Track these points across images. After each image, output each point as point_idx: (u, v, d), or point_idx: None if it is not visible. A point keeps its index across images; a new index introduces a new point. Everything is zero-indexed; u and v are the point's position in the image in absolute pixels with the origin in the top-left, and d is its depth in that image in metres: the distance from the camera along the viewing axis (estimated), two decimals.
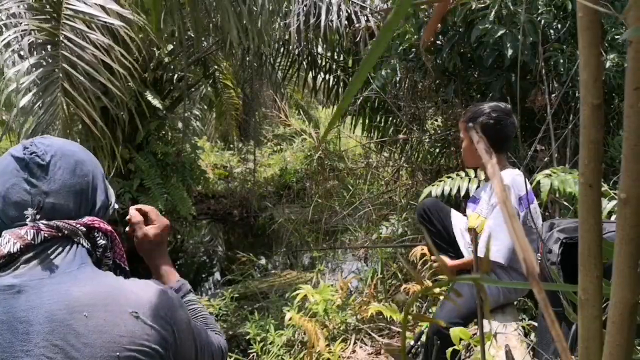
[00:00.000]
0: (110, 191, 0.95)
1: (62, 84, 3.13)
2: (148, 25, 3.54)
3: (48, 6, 3.33)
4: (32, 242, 0.75)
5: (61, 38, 3.15)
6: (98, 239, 0.83)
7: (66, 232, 0.79)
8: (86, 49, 3.19)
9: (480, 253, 1.81)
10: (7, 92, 3.36)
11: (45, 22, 3.31)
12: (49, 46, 3.37)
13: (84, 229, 0.81)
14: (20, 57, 3.62)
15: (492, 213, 1.84)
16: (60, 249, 0.78)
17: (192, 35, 4.78)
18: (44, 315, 0.71)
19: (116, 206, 0.98)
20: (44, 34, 3.28)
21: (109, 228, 0.85)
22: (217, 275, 5.06)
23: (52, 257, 0.77)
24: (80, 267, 0.78)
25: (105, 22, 3.25)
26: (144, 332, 0.74)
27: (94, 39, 3.22)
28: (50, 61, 3.29)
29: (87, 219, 0.83)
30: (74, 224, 0.80)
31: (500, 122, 1.85)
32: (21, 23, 3.32)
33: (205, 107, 7.87)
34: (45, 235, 0.76)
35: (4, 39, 3.23)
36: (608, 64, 2.52)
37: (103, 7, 3.24)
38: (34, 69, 3.31)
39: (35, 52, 3.42)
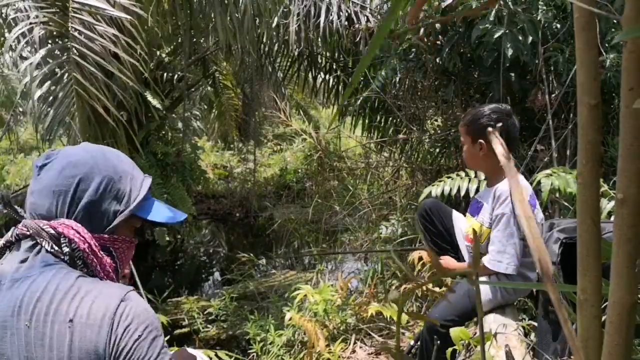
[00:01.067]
0: (137, 196, 0.89)
1: (74, 75, 3.15)
2: (146, 22, 3.55)
3: None
4: (11, 238, 0.79)
5: (70, 30, 3.17)
6: (63, 245, 0.79)
7: (31, 231, 0.78)
8: (95, 40, 3.22)
9: (486, 263, 1.82)
10: (20, 86, 3.38)
11: (53, 14, 3.32)
12: (58, 39, 3.39)
13: (52, 231, 0.78)
14: (21, 57, 3.63)
15: (498, 225, 1.82)
16: (30, 248, 0.79)
17: (192, 36, 4.79)
18: None
19: (159, 217, 0.93)
20: (54, 26, 3.30)
21: (80, 237, 0.80)
22: (217, 275, 5.05)
23: (17, 256, 0.78)
24: (43, 272, 0.76)
25: (111, 14, 3.27)
26: (80, 343, 0.71)
27: (102, 30, 3.25)
28: (60, 53, 3.32)
29: (59, 222, 0.79)
30: (42, 225, 0.78)
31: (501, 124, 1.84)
32: (30, 16, 3.33)
33: (205, 107, 7.88)
34: (17, 232, 0.78)
35: (15, 33, 3.25)
36: (607, 64, 2.52)
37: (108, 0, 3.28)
38: (44, 62, 3.31)
39: (46, 44, 3.43)
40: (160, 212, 0.94)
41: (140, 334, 0.75)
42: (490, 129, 1.81)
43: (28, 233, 0.78)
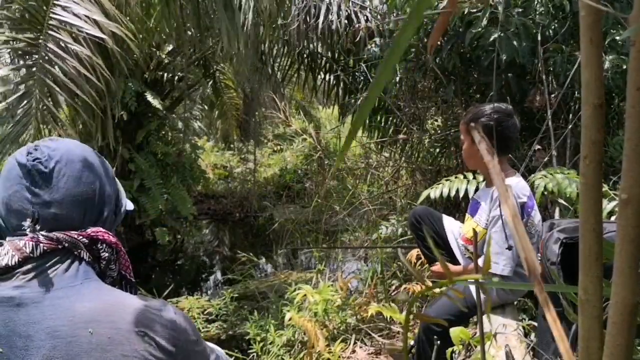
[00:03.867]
0: (122, 194, 0.90)
1: (38, 95, 3.05)
2: (140, 26, 3.52)
3: (28, 14, 3.21)
4: (31, 254, 0.72)
5: (41, 48, 3.07)
6: (102, 251, 0.79)
7: (66, 244, 0.74)
8: (67, 61, 3.09)
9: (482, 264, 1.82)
10: None
11: (28, 31, 3.22)
12: (25, 58, 3.29)
13: (86, 241, 0.77)
14: None
15: (495, 227, 1.82)
16: (62, 261, 0.74)
17: (193, 36, 4.78)
18: (45, 331, 0.68)
19: (130, 207, 0.94)
20: (23, 45, 3.21)
21: (114, 240, 0.80)
22: (217, 275, 5.06)
23: (53, 270, 0.73)
24: (84, 282, 0.74)
25: (92, 35, 3.15)
26: (149, 353, 0.71)
27: (77, 50, 3.13)
28: (26, 71, 3.19)
29: (90, 230, 0.78)
30: (76, 236, 0.75)
31: (501, 124, 1.83)
32: (3, 32, 3.24)
33: (206, 107, 7.88)
34: (45, 248, 0.73)
35: None
36: (607, 65, 2.52)
37: (90, 18, 3.15)
38: (10, 76, 3.25)
39: (15, 61, 3.36)
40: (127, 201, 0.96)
41: (196, 339, 0.79)
42: (472, 124, 1.79)
43: (60, 247, 0.74)
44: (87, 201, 0.79)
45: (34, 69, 3.11)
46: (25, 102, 3.13)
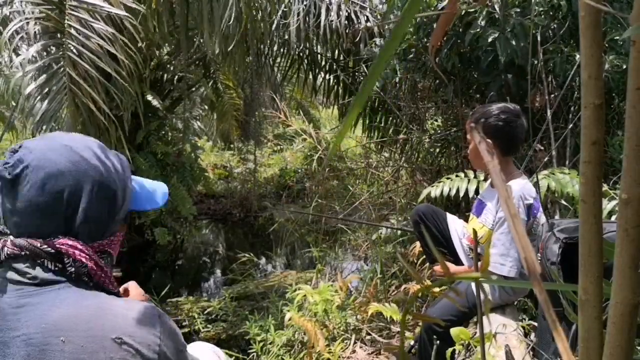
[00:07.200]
0: (118, 193, 0.82)
1: (68, 71, 3.15)
2: (144, 20, 3.56)
3: None
4: None
5: (66, 27, 3.18)
6: (68, 265, 0.74)
7: (27, 252, 0.72)
8: (91, 38, 3.23)
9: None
10: (13, 80, 3.37)
11: (50, 11, 3.33)
12: (52, 36, 3.40)
13: (52, 251, 0.73)
14: (14, 51, 3.62)
15: (501, 228, 1.81)
16: (34, 267, 0.72)
17: (190, 36, 4.78)
18: (20, 338, 0.67)
19: (143, 207, 0.91)
20: (50, 22, 3.30)
21: (84, 255, 0.74)
22: (217, 275, 5.05)
23: (26, 274, 0.71)
24: (62, 287, 0.72)
25: (109, 12, 3.27)
26: (133, 358, 0.68)
27: (98, 28, 3.25)
28: (55, 49, 3.32)
29: (57, 241, 0.73)
30: (39, 245, 0.72)
31: (509, 124, 1.81)
32: (26, 11, 3.34)
33: (206, 107, 7.88)
34: (8, 252, 0.71)
35: (11, 28, 3.27)
36: (607, 65, 2.52)
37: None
38: (39, 57, 3.33)
39: (41, 40, 3.44)
40: (148, 197, 0.91)
41: (182, 348, 0.76)
42: (473, 124, 1.78)
43: (22, 254, 0.72)
44: (50, 211, 0.74)
45: (63, 46, 3.23)
46: (57, 78, 3.24)
